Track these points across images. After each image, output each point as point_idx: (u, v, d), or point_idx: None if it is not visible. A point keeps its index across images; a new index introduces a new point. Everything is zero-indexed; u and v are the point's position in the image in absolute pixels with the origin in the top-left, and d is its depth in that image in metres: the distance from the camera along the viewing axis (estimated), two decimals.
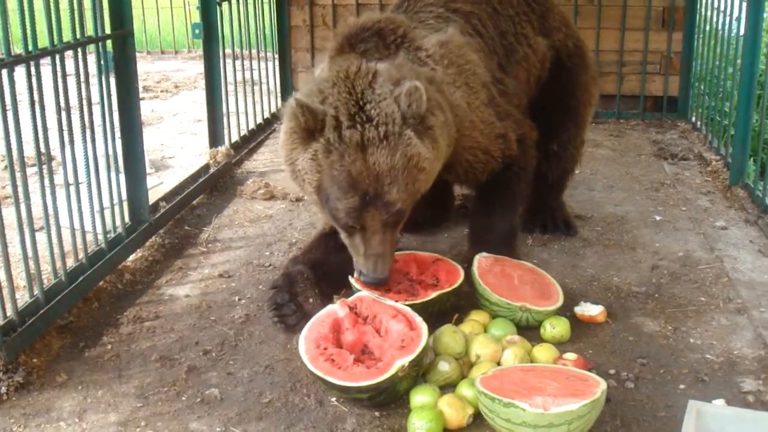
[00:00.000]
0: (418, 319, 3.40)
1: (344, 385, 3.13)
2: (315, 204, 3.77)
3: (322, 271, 3.95)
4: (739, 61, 6.06)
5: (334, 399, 3.29)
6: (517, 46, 4.53)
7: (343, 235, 3.68)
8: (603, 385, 2.99)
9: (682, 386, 3.38)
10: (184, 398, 3.34)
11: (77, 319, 3.95)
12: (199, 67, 10.40)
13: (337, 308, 3.52)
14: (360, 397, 3.18)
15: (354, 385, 3.11)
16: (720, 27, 6.80)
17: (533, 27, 4.65)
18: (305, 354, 3.27)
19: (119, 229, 4.48)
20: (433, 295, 3.74)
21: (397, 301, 3.58)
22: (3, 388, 3.33)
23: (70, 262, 3.99)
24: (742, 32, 6.04)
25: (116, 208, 4.46)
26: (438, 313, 3.75)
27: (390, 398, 3.22)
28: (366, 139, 3.40)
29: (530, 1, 4.71)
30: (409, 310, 3.47)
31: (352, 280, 3.81)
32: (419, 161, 3.50)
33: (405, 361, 3.15)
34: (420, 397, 3.19)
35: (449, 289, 3.81)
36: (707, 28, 7.30)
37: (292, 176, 3.71)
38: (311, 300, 3.83)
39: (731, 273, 4.43)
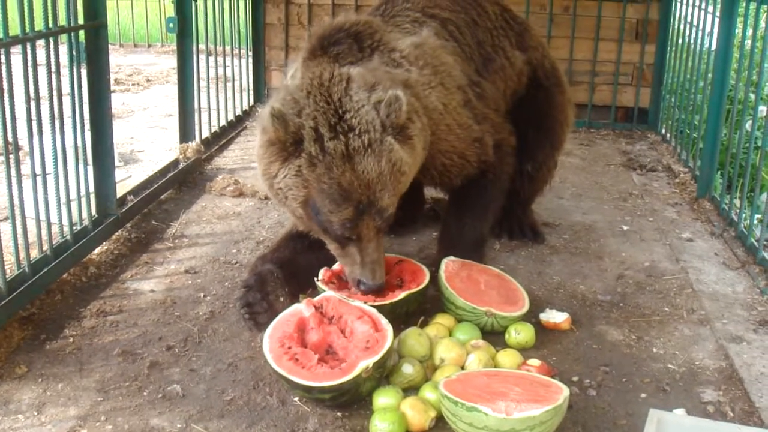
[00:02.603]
0: (384, 321, 3.39)
1: (307, 385, 3.11)
2: (300, 218, 3.69)
3: (290, 271, 3.93)
4: (709, 75, 6.13)
5: (296, 398, 3.28)
6: (494, 55, 4.54)
7: (333, 247, 3.66)
8: (566, 391, 3.01)
9: (643, 395, 3.40)
10: (145, 393, 3.31)
11: (39, 311, 3.91)
12: (171, 61, 10.31)
13: (302, 308, 3.50)
14: (322, 398, 3.17)
15: (317, 385, 3.10)
16: (692, 41, 6.88)
17: (510, 42, 4.68)
18: (269, 353, 3.25)
19: (85, 222, 4.44)
20: (402, 295, 3.73)
21: (365, 303, 3.57)
22: None
23: (35, 254, 3.94)
24: (713, 47, 6.10)
25: (83, 201, 4.42)
26: (406, 314, 3.75)
27: (353, 399, 3.21)
28: (351, 149, 3.38)
29: (508, 18, 4.77)
30: (374, 311, 3.47)
31: (318, 282, 3.80)
32: (401, 166, 3.51)
33: (369, 362, 3.14)
34: (383, 398, 3.19)
35: (417, 289, 3.81)
36: (680, 41, 7.38)
37: (272, 192, 3.64)
38: (282, 299, 3.80)
39: (695, 284, 4.47)
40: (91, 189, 4.55)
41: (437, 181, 4.23)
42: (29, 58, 3.81)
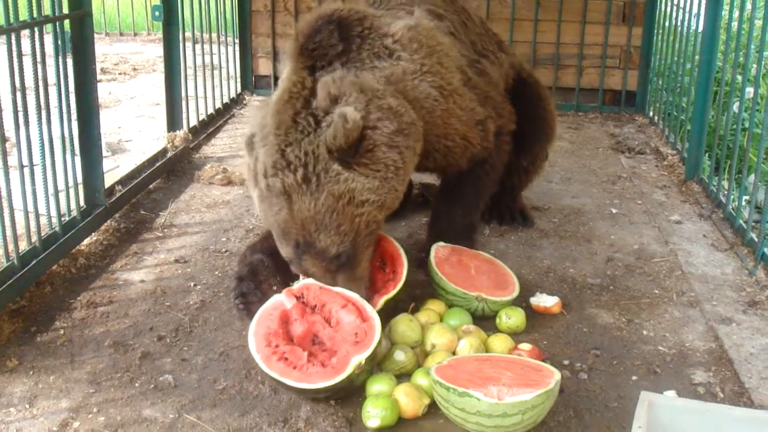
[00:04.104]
0: (369, 308, 3.34)
1: (301, 388, 3.08)
2: None
3: (280, 260, 3.90)
4: (696, 57, 6.13)
5: None
6: (486, 52, 4.55)
7: None
8: (557, 375, 3.01)
9: (634, 377, 3.42)
10: (137, 384, 3.31)
11: (29, 303, 3.89)
12: (158, 49, 10.27)
13: (283, 299, 3.42)
14: (317, 397, 3.15)
15: (311, 387, 3.06)
16: (679, 23, 6.88)
17: (494, 47, 4.70)
18: (257, 353, 3.18)
19: (74, 213, 4.42)
20: (380, 303, 3.59)
21: None
22: None
23: (23, 246, 3.93)
24: (700, 29, 6.10)
25: (71, 191, 4.40)
26: (389, 313, 3.65)
27: (348, 393, 3.19)
28: (287, 186, 3.29)
29: (487, 29, 4.82)
30: (358, 297, 3.40)
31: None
32: (355, 196, 3.35)
33: (361, 357, 3.10)
34: (376, 386, 3.18)
35: (394, 292, 3.66)
36: (666, 23, 7.38)
37: None
38: (275, 288, 3.76)
39: (684, 266, 4.49)
40: (79, 179, 4.53)
41: (442, 163, 4.16)
42: (14, 48, 3.77)
